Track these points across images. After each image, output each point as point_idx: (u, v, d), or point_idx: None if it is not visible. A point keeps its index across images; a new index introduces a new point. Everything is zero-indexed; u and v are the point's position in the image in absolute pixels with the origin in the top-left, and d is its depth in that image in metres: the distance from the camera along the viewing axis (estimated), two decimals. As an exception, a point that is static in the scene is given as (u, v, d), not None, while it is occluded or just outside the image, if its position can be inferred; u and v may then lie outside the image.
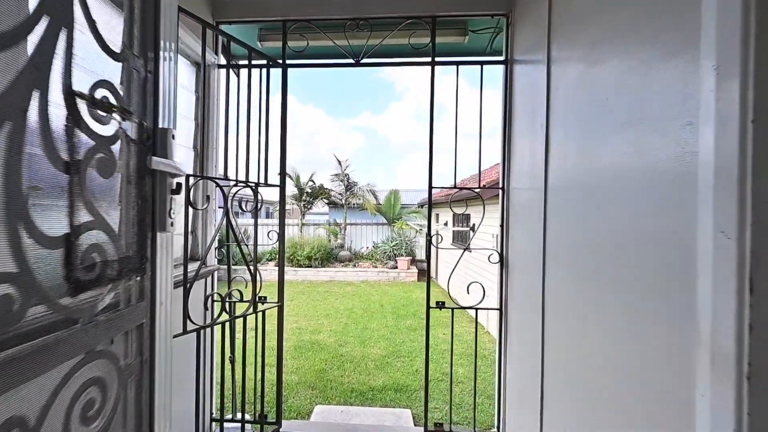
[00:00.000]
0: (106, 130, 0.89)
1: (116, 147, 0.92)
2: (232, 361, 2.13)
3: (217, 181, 1.78)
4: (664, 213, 0.81)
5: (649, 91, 0.89)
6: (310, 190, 12.79)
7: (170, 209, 1.01)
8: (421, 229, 11.83)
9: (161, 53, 1.01)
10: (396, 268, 10.45)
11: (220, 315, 1.79)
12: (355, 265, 10.84)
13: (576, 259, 1.22)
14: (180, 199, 1.75)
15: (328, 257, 10.93)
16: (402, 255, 10.89)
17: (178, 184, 1.05)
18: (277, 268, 2.18)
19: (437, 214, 10.46)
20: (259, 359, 2.05)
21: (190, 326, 1.60)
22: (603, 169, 1.06)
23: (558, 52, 1.44)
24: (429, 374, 2.25)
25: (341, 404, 3.32)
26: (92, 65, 0.86)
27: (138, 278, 1.00)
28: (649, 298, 0.85)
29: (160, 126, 1.02)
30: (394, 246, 11.15)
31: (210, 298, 1.96)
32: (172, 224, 1.02)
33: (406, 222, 11.91)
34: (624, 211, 0.95)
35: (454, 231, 8.79)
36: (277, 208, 2.19)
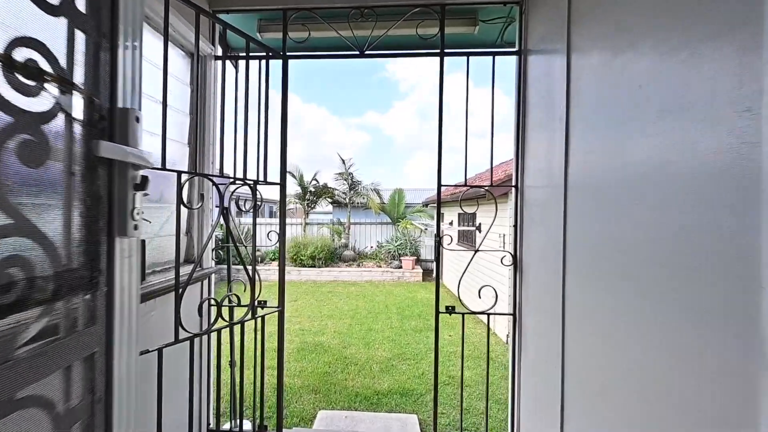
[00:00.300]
0: (35, 104, 0.68)
1: (52, 127, 0.71)
2: (232, 365, 2.04)
3: (212, 178, 1.68)
4: (715, 212, 0.71)
5: (693, 75, 0.78)
6: (313, 189, 12.70)
7: (133, 209, 0.83)
8: (426, 229, 11.72)
9: (121, 12, 0.81)
10: (400, 267, 10.36)
11: (216, 321, 1.69)
12: (359, 265, 10.76)
13: (603, 261, 1.12)
14: (171, 196, 1.66)
15: (331, 257, 10.85)
16: (406, 255, 10.80)
17: (144, 178, 0.86)
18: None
19: (442, 213, 10.33)
20: (259, 367, 1.96)
21: (183, 334, 1.50)
22: (636, 163, 0.95)
23: (579, 39, 1.33)
24: (437, 379, 2.14)
25: (345, 409, 3.23)
26: (9, 18, 0.64)
27: (87, 296, 0.80)
28: (695, 307, 0.75)
29: (120, 105, 0.84)
30: (398, 246, 11.06)
31: (206, 302, 1.86)
32: (136, 227, 0.84)
33: (410, 221, 11.81)
34: (662, 210, 0.85)
35: (459, 231, 8.67)
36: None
